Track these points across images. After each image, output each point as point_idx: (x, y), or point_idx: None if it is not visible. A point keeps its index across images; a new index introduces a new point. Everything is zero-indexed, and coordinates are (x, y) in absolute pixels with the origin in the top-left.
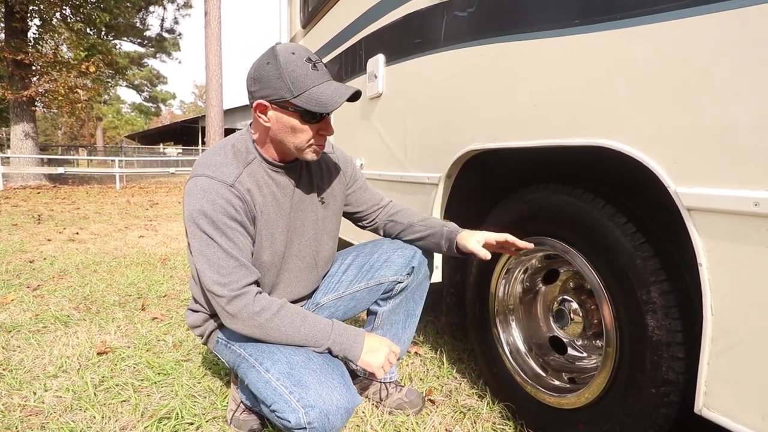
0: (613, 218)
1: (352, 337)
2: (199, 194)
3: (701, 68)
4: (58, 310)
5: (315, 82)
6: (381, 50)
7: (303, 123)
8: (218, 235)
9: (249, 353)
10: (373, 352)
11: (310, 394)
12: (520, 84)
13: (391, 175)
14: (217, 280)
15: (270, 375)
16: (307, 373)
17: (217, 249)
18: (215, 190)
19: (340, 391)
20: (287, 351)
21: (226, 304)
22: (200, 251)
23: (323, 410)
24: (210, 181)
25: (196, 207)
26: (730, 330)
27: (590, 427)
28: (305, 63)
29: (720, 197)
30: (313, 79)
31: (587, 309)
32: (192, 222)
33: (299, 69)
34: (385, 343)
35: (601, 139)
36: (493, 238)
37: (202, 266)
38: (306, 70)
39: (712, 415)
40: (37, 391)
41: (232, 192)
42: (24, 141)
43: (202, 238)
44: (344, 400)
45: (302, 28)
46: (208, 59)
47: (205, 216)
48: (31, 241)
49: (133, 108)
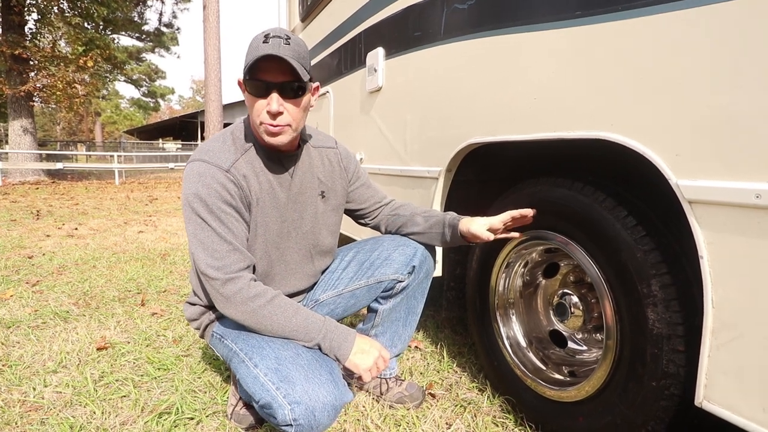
0: (614, 211)
1: (343, 336)
2: (195, 178)
3: (703, 59)
4: (57, 306)
5: (258, 53)
6: (380, 43)
7: (247, 95)
8: (212, 219)
9: (240, 348)
10: (363, 354)
11: (296, 390)
12: (520, 76)
13: (391, 169)
14: (211, 264)
15: (258, 370)
16: (295, 369)
17: (211, 233)
18: (211, 175)
19: (327, 388)
20: (276, 346)
21: (221, 287)
22: (195, 234)
23: (309, 407)
24: (206, 166)
25: (192, 191)
26: (731, 322)
27: (591, 419)
28: (262, 37)
29: (721, 189)
30: (258, 50)
31: (588, 302)
32: (187, 206)
33: (254, 43)
34: (376, 346)
35: (602, 132)
36: (497, 220)
37: (197, 249)
38: (257, 43)
39: (713, 408)
40: (37, 386)
41: (227, 177)
42: (22, 136)
43: (196, 222)
44: (331, 396)
45: (301, 21)
46: (206, 54)
47: (200, 200)
48: (30, 237)
49: (132, 103)
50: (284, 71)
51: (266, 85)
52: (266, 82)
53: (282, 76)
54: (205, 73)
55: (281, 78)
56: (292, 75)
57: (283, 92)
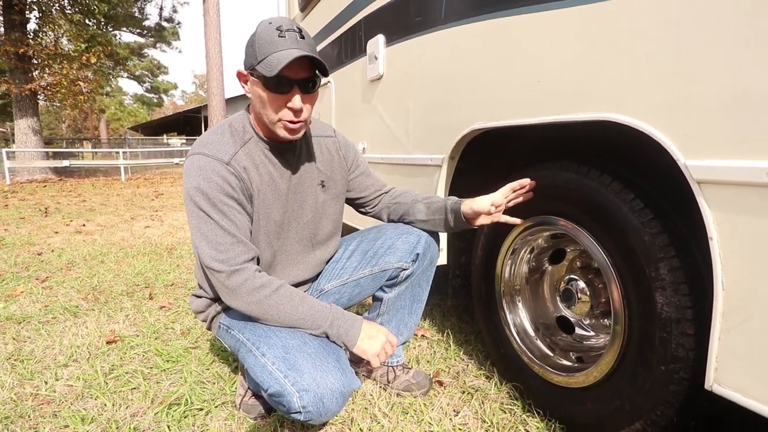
0: (621, 195)
1: (350, 322)
2: (196, 172)
3: (710, 36)
4: (66, 301)
5: (276, 48)
6: (381, 30)
7: (266, 91)
8: (215, 212)
9: (247, 338)
10: (370, 339)
11: (304, 378)
12: (523, 59)
13: (393, 158)
14: (215, 257)
15: (266, 359)
16: (302, 357)
17: (214, 226)
18: (211, 168)
19: (335, 375)
20: (283, 335)
21: (226, 279)
22: (198, 228)
23: (318, 394)
24: (206, 159)
25: (193, 185)
26: (741, 304)
27: (599, 405)
28: (275, 30)
29: (731, 169)
30: (276, 45)
31: (595, 288)
32: (189, 200)
33: (267, 36)
34: (383, 332)
35: (608, 113)
36: (499, 194)
37: (200, 243)
38: (272, 37)
39: (724, 391)
40: (48, 380)
41: (227, 170)
42: (29, 135)
43: (199, 216)
44: (339, 383)
45: (300, 11)
46: (207, 48)
47: (201, 193)
48: (38, 234)
49: (135, 99)
50: (305, 67)
51: (289, 82)
52: (290, 79)
53: (303, 72)
54: (207, 67)
55: (302, 74)
56: (311, 71)
57: (303, 88)
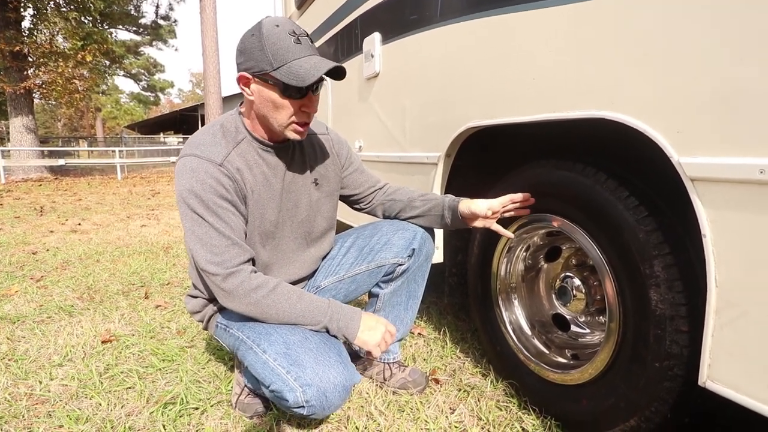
0: (616, 192)
1: (349, 315)
2: (188, 174)
3: (703, 32)
4: (61, 301)
5: (295, 56)
6: (377, 28)
7: (283, 97)
8: (209, 215)
9: (246, 335)
10: (370, 330)
11: (306, 373)
12: (518, 57)
13: (390, 156)
14: (210, 260)
15: (267, 356)
16: (304, 352)
17: (208, 228)
18: (204, 170)
19: (337, 369)
20: (284, 331)
21: (222, 282)
22: (192, 231)
23: (320, 388)
24: (199, 161)
25: (186, 187)
26: (734, 301)
27: (594, 402)
28: (288, 36)
29: (724, 166)
30: (294, 53)
31: (590, 285)
32: (182, 202)
33: (281, 41)
34: (382, 322)
35: (602, 111)
36: (497, 202)
37: (195, 246)
38: (287, 43)
39: (717, 387)
40: (43, 380)
41: (221, 171)
42: (24, 134)
43: (193, 218)
44: (341, 377)
45: (297, 9)
46: (204, 46)
47: (195, 196)
48: (33, 233)
49: (132, 98)
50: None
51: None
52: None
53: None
54: (203, 65)
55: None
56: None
57: (315, 92)
